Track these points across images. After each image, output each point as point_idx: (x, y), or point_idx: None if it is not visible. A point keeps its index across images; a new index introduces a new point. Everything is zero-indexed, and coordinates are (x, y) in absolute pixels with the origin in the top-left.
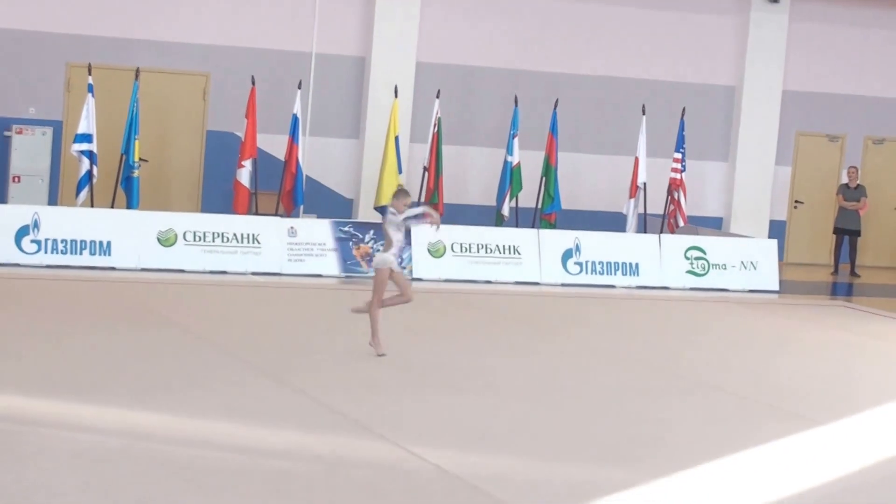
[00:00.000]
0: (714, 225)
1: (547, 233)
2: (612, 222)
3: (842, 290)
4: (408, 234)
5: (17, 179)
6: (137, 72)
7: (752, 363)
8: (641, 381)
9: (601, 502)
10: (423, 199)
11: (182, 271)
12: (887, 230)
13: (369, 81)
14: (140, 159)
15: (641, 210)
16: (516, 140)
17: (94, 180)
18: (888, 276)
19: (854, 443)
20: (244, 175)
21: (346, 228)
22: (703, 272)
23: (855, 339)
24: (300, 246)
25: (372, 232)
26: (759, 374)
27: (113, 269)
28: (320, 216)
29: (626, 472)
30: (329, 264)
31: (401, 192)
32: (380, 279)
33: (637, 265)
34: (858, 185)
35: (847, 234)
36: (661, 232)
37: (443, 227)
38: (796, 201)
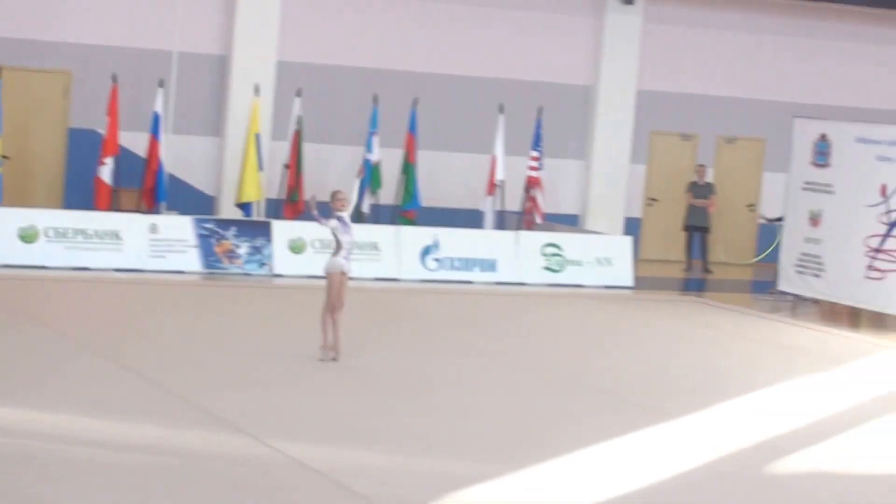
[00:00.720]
0: (570, 222)
1: (406, 229)
2: (470, 219)
3: (694, 285)
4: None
5: None
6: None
7: (607, 357)
8: (500, 375)
9: (459, 494)
10: (283, 197)
11: (44, 268)
12: (740, 227)
13: (230, 79)
14: (2, 156)
15: (499, 207)
16: (376, 138)
17: None
18: (739, 272)
19: (705, 435)
20: (105, 172)
21: (208, 225)
22: (559, 268)
23: (706, 332)
24: (162, 242)
25: (234, 229)
26: (614, 367)
27: None
28: (182, 213)
29: (485, 465)
30: (191, 261)
31: (334, 193)
32: (331, 284)
33: (495, 262)
34: (707, 182)
35: (697, 230)
36: (519, 229)
37: (301, 224)
38: (650, 199)
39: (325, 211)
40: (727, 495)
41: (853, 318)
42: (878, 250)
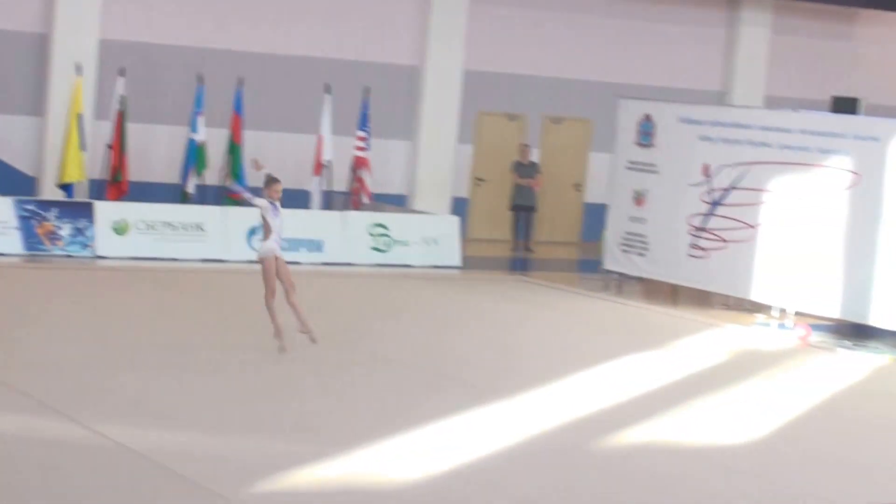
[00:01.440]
0: (398, 202)
1: (232, 210)
2: (297, 200)
3: (520, 265)
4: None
5: None
6: None
7: (433, 336)
8: (325, 355)
9: (286, 475)
10: (107, 177)
11: None
12: (566, 206)
13: (51, 58)
14: None
15: (326, 187)
16: (201, 118)
17: None
18: (565, 251)
19: (532, 413)
20: None
21: (29, 207)
22: (386, 248)
23: (533, 311)
24: None
25: (56, 210)
26: (440, 347)
27: None
28: (2, 194)
29: (313, 446)
30: (12, 243)
31: (271, 180)
32: (267, 268)
33: (322, 242)
34: (531, 161)
35: (523, 210)
36: (346, 209)
37: (127, 204)
38: (477, 179)
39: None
40: (554, 472)
41: (677, 296)
42: (701, 229)
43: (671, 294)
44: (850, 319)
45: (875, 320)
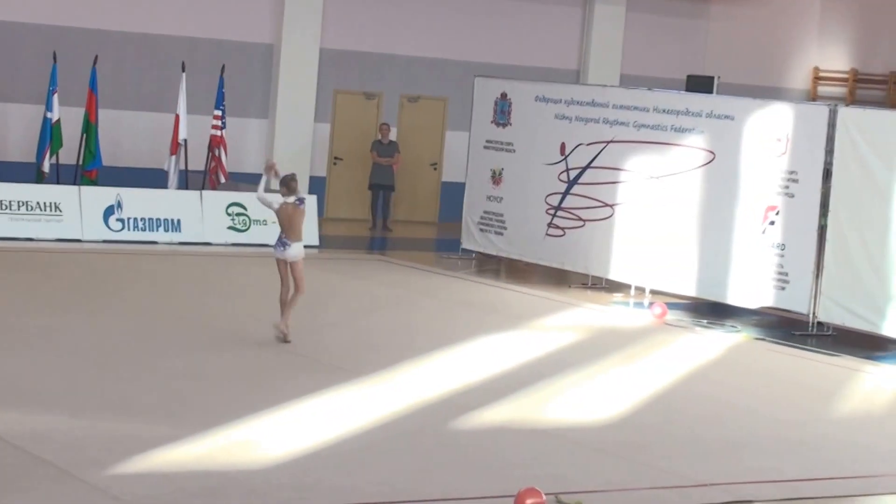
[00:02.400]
0: (255, 181)
1: (88, 189)
2: (153, 179)
3: (378, 244)
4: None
5: None
6: None
7: (295, 317)
8: (185, 337)
9: (142, 457)
10: None
11: None
12: (423, 185)
13: None
14: None
15: (183, 167)
16: (55, 96)
17: None
18: (423, 231)
19: (392, 393)
20: None
21: None
22: (244, 228)
23: (392, 291)
24: None
25: None
26: (297, 327)
27: None
28: None
29: (169, 428)
30: None
31: (284, 178)
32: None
33: (179, 221)
34: (391, 141)
35: (382, 189)
36: (203, 188)
37: None
38: (335, 157)
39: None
40: (411, 453)
41: (535, 275)
42: (557, 208)
43: (529, 273)
44: (707, 298)
45: (731, 298)
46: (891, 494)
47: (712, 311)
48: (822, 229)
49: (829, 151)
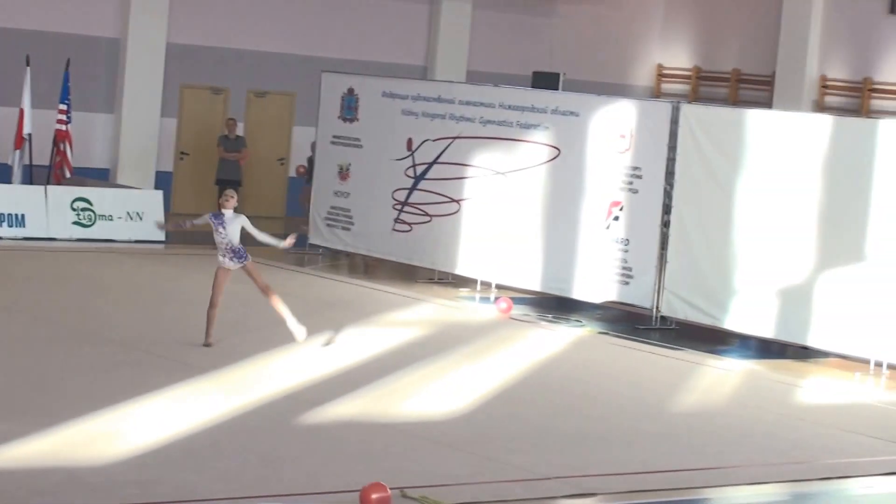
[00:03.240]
0: (101, 176)
1: None
2: None
3: None
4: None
5: None
6: None
7: (137, 312)
8: (29, 331)
9: None
10: None
11: None
12: (271, 181)
13: None
14: None
15: (27, 161)
16: None
17: None
18: (270, 226)
19: (235, 388)
20: None
21: None
22: (90, 223)
23: (236, 287)
24: None
25: None
26: (143, 323)
27: None
28: None
29: (11, 424)
30: None
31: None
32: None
33: (23, 216)
34: (238, 136)
35: (228, 184)
36: (48, 183)
37: None
38: (182, 153)
39: None
40: (260, 447)
41: (382, 270)
42: (404, 203)
43: (376, 269)
44: (552, 292)
45: (576, 293)
46: (731, 486)
47: (557, 306)
48: (665, 225)
49: (672, 148)
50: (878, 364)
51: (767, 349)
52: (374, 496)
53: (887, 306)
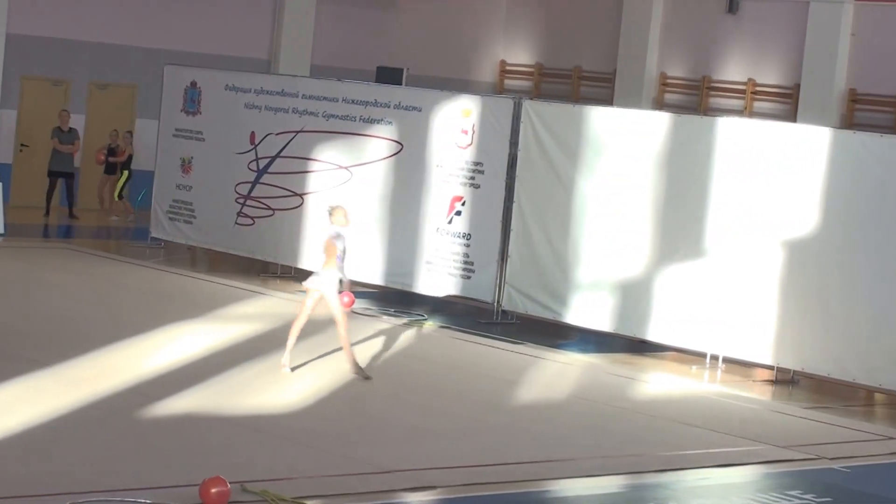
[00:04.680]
0: None
1: None
2: None
3: (64, 232)
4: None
5: None
6: None
7: None
8: None
9: None
10: None
11: None
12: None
13: None
14: None
15: None
16: None
17: None
18: (103, 217)
19: (76, 382)
20: None
21: None
22: None
23: (77, 280)
24: None
25: None
26: None
27: None
28: None
29: None
30: None
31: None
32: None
33: None
34: (71, 128)
35: (61, 176)
36: None
37: None
38: (22, 144)
39: None
40: (98, 441)
41: (225, 263)
42: (247, 197)
43: (219, 262)
44: (395, 287)
45: (418, 287)
46: (568, 478)
47: (400, 300)
48: (507, 220)
49: (514, 144)
50: (714, 358)
51: (607, 343)
52: (213, 490)
53: (723, 301)
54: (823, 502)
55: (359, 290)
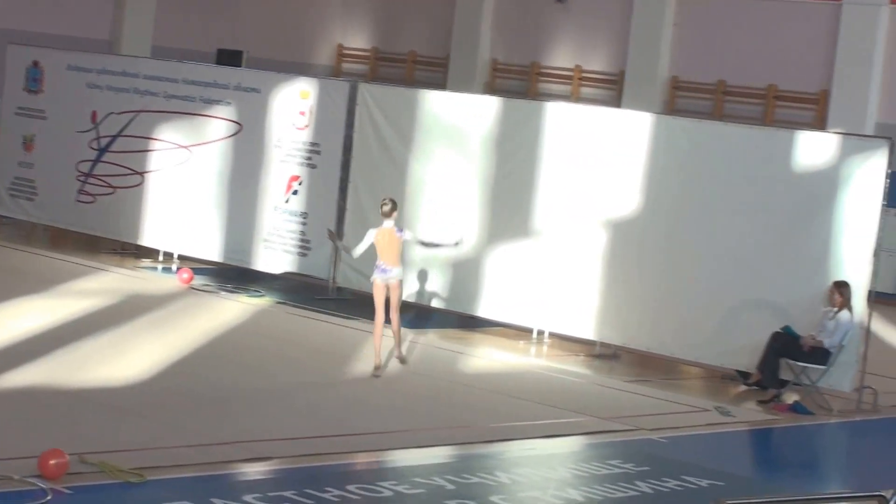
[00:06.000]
0: None
1: None
2: None
3: None
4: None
5: None
6: None
7: None
8: None
9: None
10: None
11: None
12: None
13: None
14: None
15: None
16: None
17: None
18: None
19: None
20: None
21: None
22: None
23: None
24: None
25: None
26: None
27: None
28: None
29: None
30: None
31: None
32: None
33: None
34: None
35: None
36: None
37: None
38: None
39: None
40: None
41: (67, 240)
42: (88, 175)
43: (61, 239)
44: (233, 263)
45: (256, 264)
46: (400, 449)
47: (238, 277)
48: (342, 199)
49: (350, 125)
50: (541, 333)
51: (438, 319)
52: (51, 462)
53: (549, 280)
54: (642, 471)
55: (198, 266)
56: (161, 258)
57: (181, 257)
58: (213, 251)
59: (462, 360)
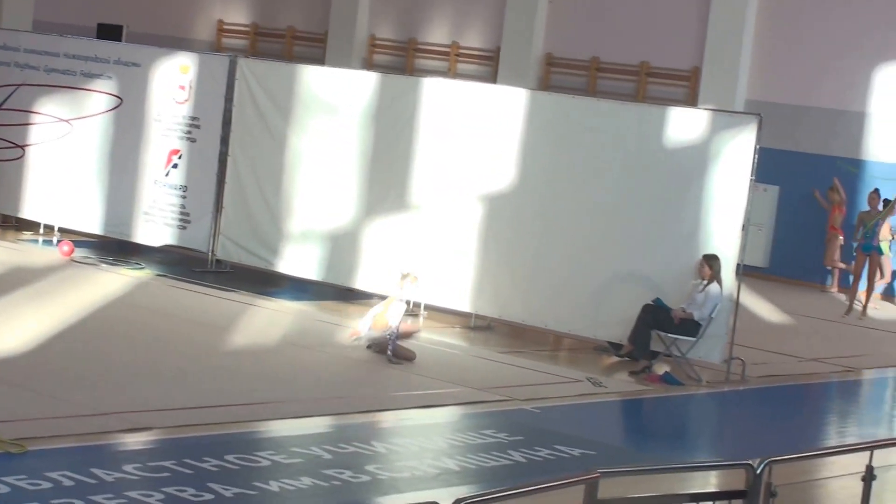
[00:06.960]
0: None
1: None
2: None
3: None
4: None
5: None
6: None
7: None
8: None
9: None
10: None
11: None
12: None
13: None
14: None
15: None
16: None
17: None
18: None
19: None
20: None
21: None
22: None
23: None
24: None
25: None
26: None
27: None
28: None
29: None
30: None
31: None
32: None
33: None
34: None
35: None
36: None
37: None
38: None
39: None
40: None
41: None
42: None
43: None
44: (114, 236)
45: (136, 237)
46: (278, 420)
47: (119, 249)
48: (221, 173)
49: (229, 100)
50: (417, 305)
51: (316, 291)
52: None
53: (425, 253)
54: (515, 440)
55: (79, 239)
56: (42, 231)
57: (62, 230)
58: (93, 224)
59: (339, 332)
